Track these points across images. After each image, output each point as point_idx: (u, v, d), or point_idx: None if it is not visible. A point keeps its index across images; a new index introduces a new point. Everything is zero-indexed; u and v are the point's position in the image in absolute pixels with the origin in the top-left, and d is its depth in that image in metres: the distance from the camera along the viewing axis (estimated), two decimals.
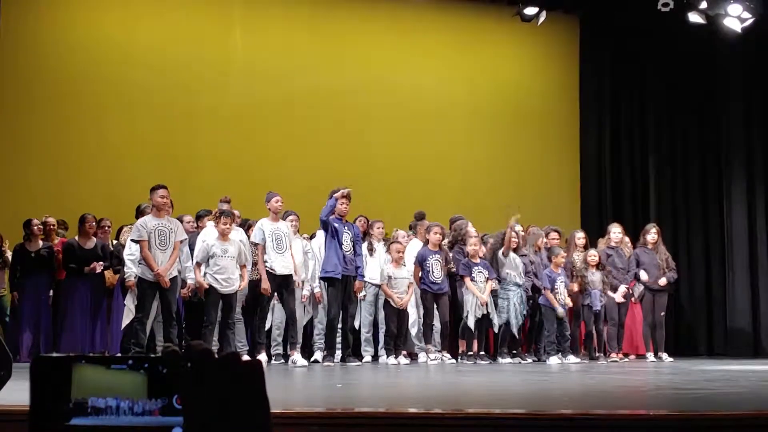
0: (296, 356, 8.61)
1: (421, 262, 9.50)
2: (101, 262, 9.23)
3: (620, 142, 13.69)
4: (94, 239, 9.38)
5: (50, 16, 11.17)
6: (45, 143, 10.89)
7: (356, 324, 9.61)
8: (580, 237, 10.66)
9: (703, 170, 13.39)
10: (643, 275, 10.52)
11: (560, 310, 9.80)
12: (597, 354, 10.26)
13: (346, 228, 8.70)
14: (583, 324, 10.30)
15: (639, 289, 10.65)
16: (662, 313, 10.57)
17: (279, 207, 8.89)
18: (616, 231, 10.72)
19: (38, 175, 10.73)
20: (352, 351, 9.13)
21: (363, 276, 8.98)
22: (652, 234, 10.67)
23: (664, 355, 10.36)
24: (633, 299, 10.70)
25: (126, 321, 8.88)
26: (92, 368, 1.00)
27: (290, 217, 9.34)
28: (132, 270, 8.60)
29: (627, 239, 10.94)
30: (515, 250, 9.86)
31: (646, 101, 13.69)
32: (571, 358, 9.76)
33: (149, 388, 0.98)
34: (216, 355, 0.95)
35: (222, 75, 11.90)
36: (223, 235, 8.51)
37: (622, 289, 10.36)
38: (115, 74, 11.33)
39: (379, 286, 9.54)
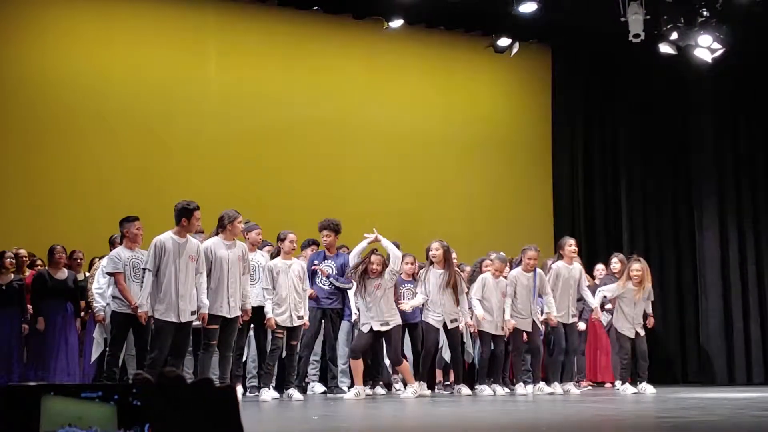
0: (265, 389, 8.54)
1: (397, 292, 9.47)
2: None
3: (593, 171, 13.80)
4: (66, 270, 9.27)
5: (24, 45, 11.08)
6: (19, 173, 10.77)
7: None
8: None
9: (674, 198, 13.50)
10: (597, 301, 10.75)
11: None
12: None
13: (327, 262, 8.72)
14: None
15: (607, 318, 10.79)
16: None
17: (258, 239, 8.84)
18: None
19: (12, 206, 10.60)
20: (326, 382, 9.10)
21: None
22: (613, 264, 10.73)
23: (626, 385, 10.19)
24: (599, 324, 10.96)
25: (95, 355, 8.76)
26: (61, 399, 0.98)
27: (266, 248, 9.30)
28: (100, 304, 8.50)
29: (601, 266, 11.18)
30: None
31: (619, 130, 13.81)
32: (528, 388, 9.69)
33: (120, 419, 0.96)
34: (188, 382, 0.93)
35: (198, 106, 11.85)
36: None
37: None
38: (90, 104, 11.25)
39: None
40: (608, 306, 10.60)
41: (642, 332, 9.77)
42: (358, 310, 9.12)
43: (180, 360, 7.50)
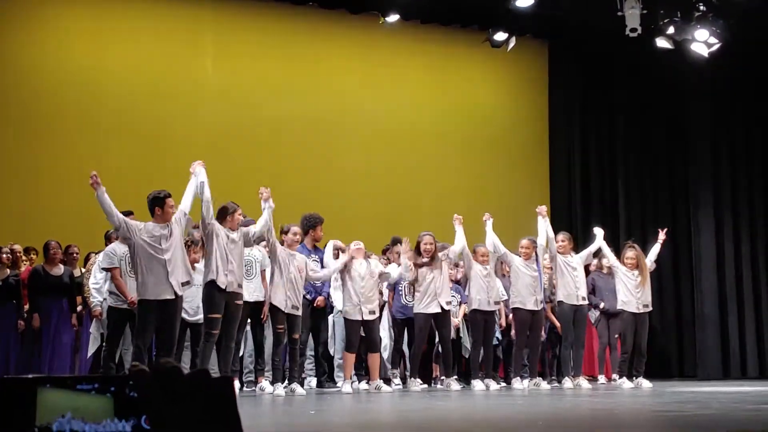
0: (264, 383, 8.54)
1: (393, 286, 9.47)
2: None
3: (590, 167, 13.80)
4: (62, 266, 9.23)
5: (20, 42, 11.07)
6: (14, 168, 10.75)
7: (330, 350, 9.60)
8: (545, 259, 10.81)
9: (671, 195, 13.51)
10: (597, 300, 10.79)
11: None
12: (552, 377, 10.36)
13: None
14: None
15: (595, 314, 10.86)
16: (616, 335, 10.59)
17: None
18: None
19: (6, 202, 10.59)
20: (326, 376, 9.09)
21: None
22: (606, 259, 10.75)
23: (616, 377, 10.26)
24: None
25: (92, 349, 8.75)
26: (57, 392, 0.97)
27: (262, 243, 9.28)
28: (97, 299, 8.48)
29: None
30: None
31: (616, 126, 13.82)
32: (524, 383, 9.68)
33: (116, 410, 0.96)
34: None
35: (194, 102, 11.84)
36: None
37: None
38: (86, 101, 11.23)
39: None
40: (602, 306, 10.66)
41: (647, 309, 9.78)
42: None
43: (169, 356, 7.44)
